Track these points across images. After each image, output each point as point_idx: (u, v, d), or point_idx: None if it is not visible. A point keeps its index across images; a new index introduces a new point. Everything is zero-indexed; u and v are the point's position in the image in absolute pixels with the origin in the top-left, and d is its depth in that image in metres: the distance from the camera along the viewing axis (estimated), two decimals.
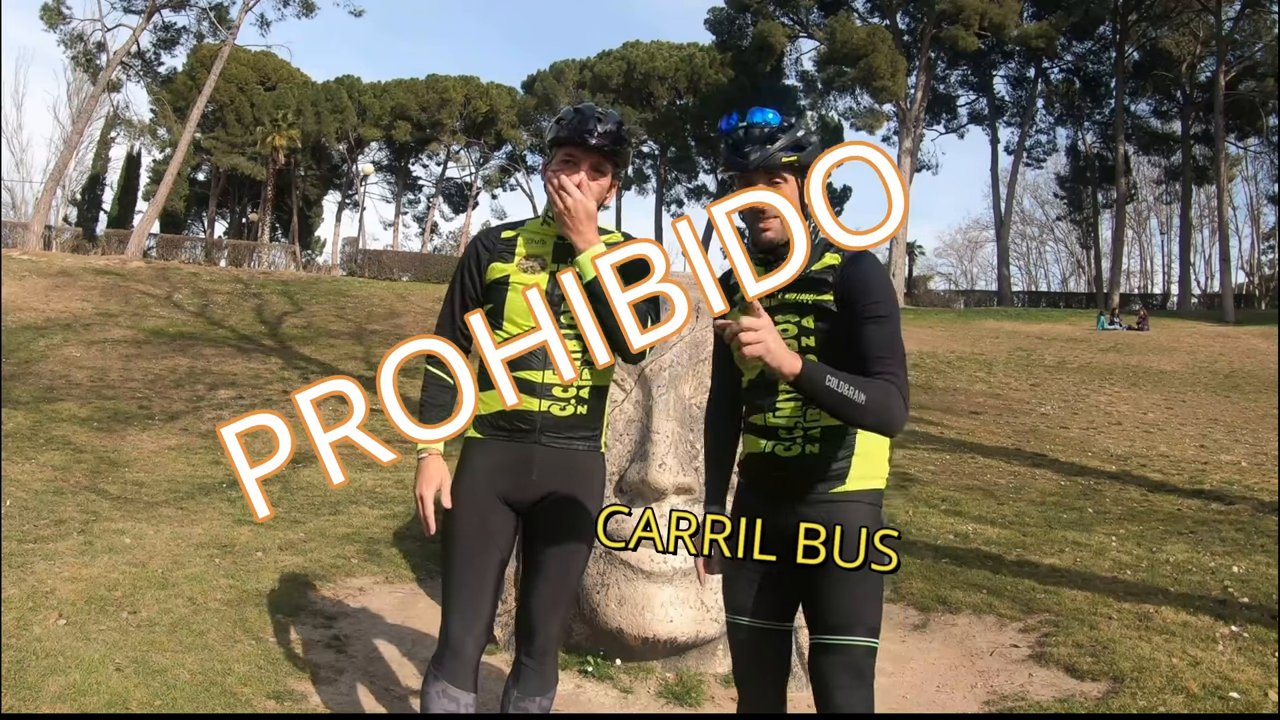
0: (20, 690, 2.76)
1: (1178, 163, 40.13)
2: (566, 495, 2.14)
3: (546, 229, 2.19)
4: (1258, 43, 34.54)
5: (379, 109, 44.83)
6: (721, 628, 3.29)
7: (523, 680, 2.16)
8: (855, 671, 1.83)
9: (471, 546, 2.10)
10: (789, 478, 1.94)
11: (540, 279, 2.12)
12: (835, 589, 1.86)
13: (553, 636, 2.17)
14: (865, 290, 1.86)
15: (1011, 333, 24.52)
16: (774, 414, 1.96)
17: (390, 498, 6.31)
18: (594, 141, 2.06)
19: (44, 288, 16.30)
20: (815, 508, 1.90)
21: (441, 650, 2.09)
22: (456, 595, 2.10)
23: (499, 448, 2.14)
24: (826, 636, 1.86)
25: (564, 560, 2.15)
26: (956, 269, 60.01)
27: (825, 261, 1.92)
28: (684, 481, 3.23)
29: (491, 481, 2.13)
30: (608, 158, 2.11)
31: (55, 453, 7.07)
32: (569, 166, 2.10)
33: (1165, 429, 11.33)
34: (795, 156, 1.89)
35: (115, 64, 30.71)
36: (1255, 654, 3.56)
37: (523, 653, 2.17)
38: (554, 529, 2.14)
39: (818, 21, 38.04)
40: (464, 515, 2.12)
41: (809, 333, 1.90)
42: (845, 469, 1.91)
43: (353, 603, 4.04)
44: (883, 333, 1.83)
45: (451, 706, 2.06)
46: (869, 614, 1.86)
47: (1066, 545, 5.53)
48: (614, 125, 2.09)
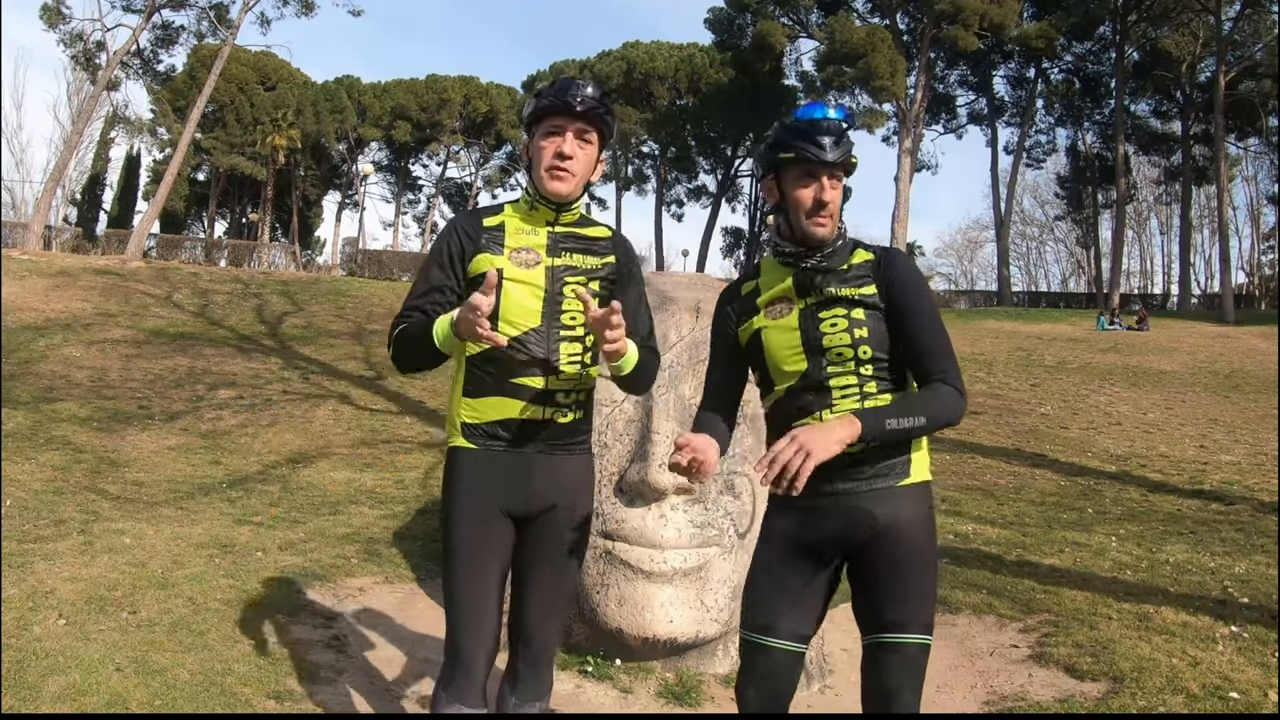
0: (20, 690, 2.76)
1: (1178, 163, 40.12)
2: (564, 502, 2.06)
3: (535, 216, 2.05)
4: (1258, 43, 34.52)
5: (379, 109, 44.81)
6: (721, 628, 3.29)
7: (519, 686, 2.10)
8: (915, 669, 1.84)
9: (475, 561, 2.00)
10: (855, 474, 1.88)
11: (537, 274, 2.01)
12: (898, 586, 1.85)
13: (549, 643, 2.11)
14: (905, 289, 1.90)
15: (1011, 333, 24.51)
16: (831, 410, 1.91)
17: (390, 498, 6.31)
18: (580, 108, 1.96)
19: (44, 288, 16.30)
20: (885, 503, 1.87)
21: (451, 668, 1.99)
22: (463, 612, 1.99)
23: (496, 459, 2.01)
24: (883, 635, 1.85)
25: (559, 568, 2.08)
26: (956, 269, 60.02)
27: (860, 257, 1.96)
28: (684, 481, 3.23)
29: (492, 494, 2.01)
30: (593, 123, 2.00)
31: (55, 453, 7.07)
32: (552, 136, 1.99)
33: (1165, 429, 11.32)
34: (855, 158, 1.95)
35: (115, 64, 30.68)
36: (1255, 654, 3.56)
37: (519, 660, 2.10)
38: (549, 537, 2.07)
39: (817, 21, 38.01)
40: (465, 529, 2.01)
41: (860, 324, 1.90)
42: (907, 461, 1.91)
43: (353, 603, 4.04)
44: (929, 328, 1.88)
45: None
46: (925, 611, 1.86)
47: (1066, 545, 5.53)
48: (597, 90, 1.99)
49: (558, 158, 1.99)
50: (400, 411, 9.52)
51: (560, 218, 2.06)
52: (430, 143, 47.22)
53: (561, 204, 2.04)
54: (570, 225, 2.08)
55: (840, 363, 1.91)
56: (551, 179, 2.00)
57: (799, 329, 1.95)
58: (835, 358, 1.91)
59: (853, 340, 1.89)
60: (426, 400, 10.14)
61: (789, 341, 1.95)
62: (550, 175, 2.00)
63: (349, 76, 47.10)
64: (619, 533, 3.26)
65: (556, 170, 1.99)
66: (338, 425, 8.74)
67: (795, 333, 1.95)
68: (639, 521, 3.25)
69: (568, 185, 2.01)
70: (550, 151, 2.00)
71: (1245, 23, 34.35)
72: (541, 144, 2.01)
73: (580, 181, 2.04)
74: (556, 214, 2.05)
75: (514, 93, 46.49)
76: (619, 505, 3.29)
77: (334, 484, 6.70)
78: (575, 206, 2.08)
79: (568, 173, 2.00)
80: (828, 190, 1.91)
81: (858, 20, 36.90)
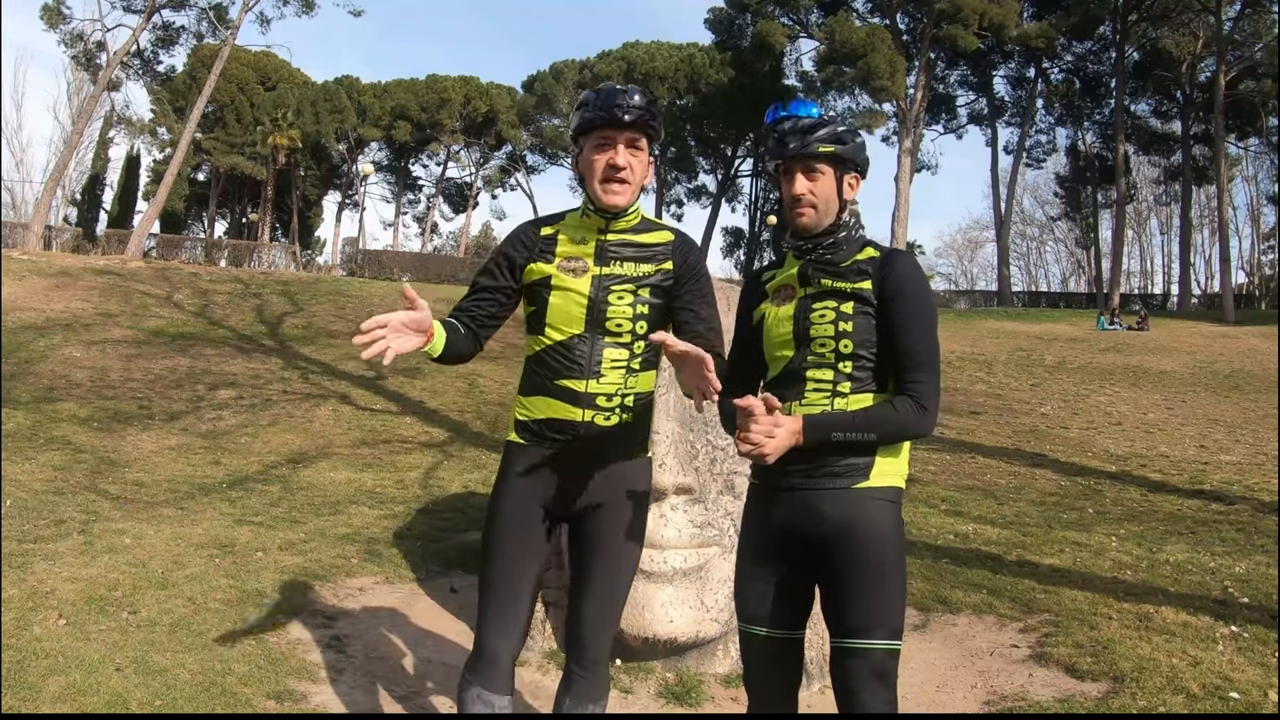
0: (20, 690, 2.76)
1: (1178, 163, 40.12)
2: (613, 505, 2.09)
3: (586, 223, 2.10)
4: (1258, 43, 34.52)
5: (379, 109, 44.82)
6: (721, 628, 3.29)
7: (574, 689, 2.13)
8: (878, 674, 1.83)
9: (511, 557, 2.06)
10: (812, 471, 1.90)
11: (583, 283, 2.05)
12: (855, 591, 1.85)
13: (604, 648, 2.14)
14: (899, 292, 1.90)
15: (1011, 333, 24.52)
16: (800, 403, 1.94)
17: (390, 498, 6.32)
18: (628, 118, 1.98)
19: (44, 288, 16.29)
20: (837, 503, 1.88)
21: (476, 657, 2.07)
22: (493, 606, 2.07)
23: (541, 455, 2.07)
24: (848, 640, 1.85)
25: (612, 574, 2.11)
26: (956, 269, 60.10)
27: (865, 254, 1.97)
28: (684, 481, 3.23)
29: (534, 490, 2.07)
30: (642, 131, 2.02)
31: (55, 453, 7.07)
32: (604, 148, 2.02)
33: (1165, 429, 11.32)
34: (832, 148, 1.95)
35: (115, 64, 30.69)
36: (1255, 654, 3.56)
37: (574, 663, 2.14)
38: (602, 541, 2.10)
39: (817, 21, 38.01)
40: (505, 524, 2.08)
41: (847, 318, 1.92)
42: (869, 464, 1.90)
43: (353, 603, 4.04)
44: (913, 337, 1.88)
45: (486, 710, 2.06)
46: (890, 615, 1.84)
47: (1066, 545, 5.53)
48: (643, 98, 2.01)
49: (611, 169, 2.02)
50: (400, 411, 9.53)
51: (612, 225, 2.09)
52: (430, 143, 47.23)
53: (613, 214, 2.07)
54: (625, 232, 2.10)
55: (821, 354, 1.93)
56: (606, 192, 2.03)
57: (793, 317, 1.98)
58: (818, 349, 1.93)
59: (836, 333, 1.91)
60: (426, 400, 10.15)
61: (783, 329, 1.99)
62: (605, 189, 2.03)
63: (349, 76, 47.16)
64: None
65: (612, 183, 2.03)
66: (338, 425, 8.74)
67: (790, 321, 1.98)
68: None
69: (624, 196, 2.05)
70: (603, 164, 2.02)
71: (1245, 23, 34.36)
72: (594, 157, 2.04)
73: (636, 189, 2.07)
74: (607, 222, 2.08)
75: (514, 93, 46.51)
76: None
77: (334, 484, 6.70)
78: (631, 213, 2.10)
79: (623, 183, 2.03)
80: (799, 184, 1.96)
81: (858, 20, 36.90)
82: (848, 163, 1.98)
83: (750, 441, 1.80)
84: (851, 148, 1.97)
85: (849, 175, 2.00)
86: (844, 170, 1.98)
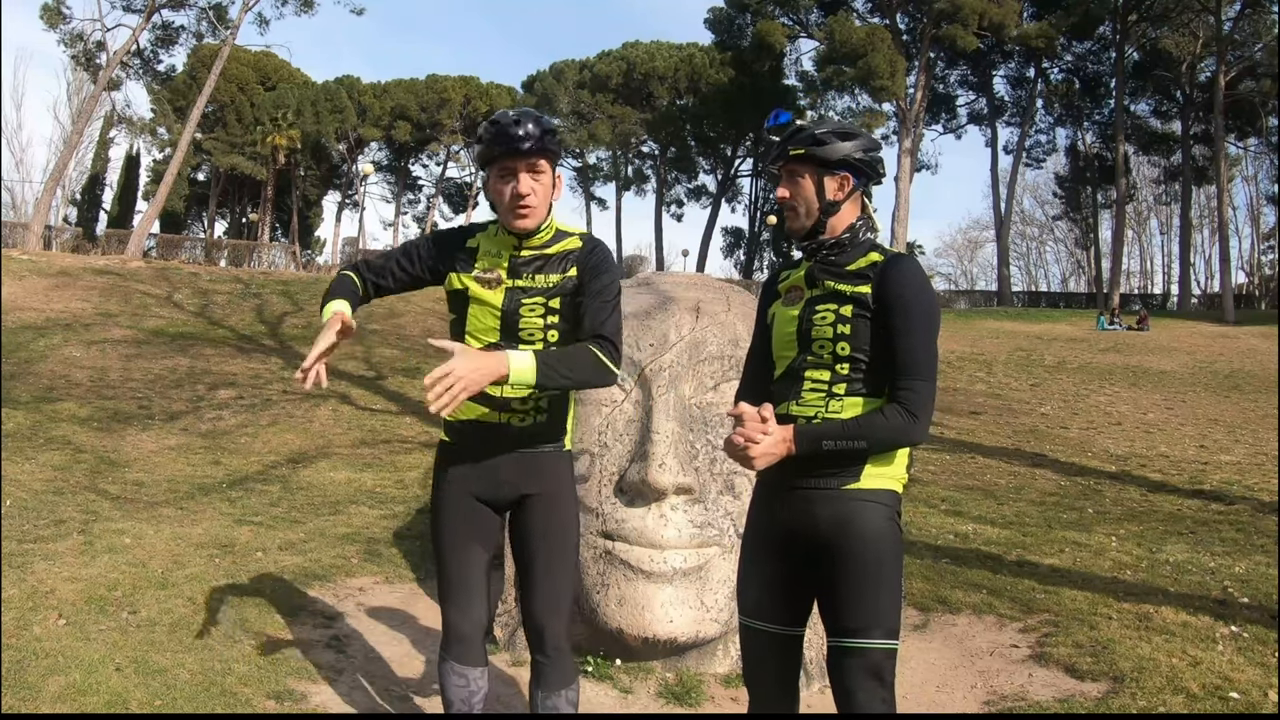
0: (20, 690, 2.76)
1: (1178, 163, 40.12)
2: (540, 496, 2.22)
3: (501, 240, 2.21)
4: (1258, 43, 34.53)
5: (379, 109, 44.81)
6: (722, 628, 3.29)
7: (543, 679, 2.23)
8: (874, 674, 1.83)
9: (456, 545, 2.23)
10: (806, 473, 1.92)
11: (496, 296, 2.17)
12: (850, 591, 1.85)
13: (560, 632, 2.24)
14: (898, 297, 1.90)
15: (1011, 333, 24.53)
16: (797, 402, 1.96)
17: (390, 498, 6.32)
18: (524, 146, 2.07)
19: (44, 288, 16.30)
20: (829, 505, 1.89)
21: (445, 637, 2.26)
22: (448, 589, 2.25)
23: (468, 453, 2.23)
24: (844, 639, 1.85)
25: (549, 558, 2.21)
26: (956, 269, 60.09)
27: (869, 258, 1.97)
28: (684, 481, 3.23)
29: (466, 484, 2.23)
30: (540, 155, 2.11)
31: (55, 453, 7.06)
32: (506, 178, 2.11)
33: (1165, 429, 11.33)
34: (803, 149, 1.97)
35: (115, 64, 30.67)
36: (1255, 654, 3.56)
37: (536, 652, 2.25)
38: (534, 530, 2.23)
39: (817, 21, 38.01)
40: (446, 516, 2.25)
41: (845, 320, 1.93)
42: (859, 468, 1.90)
43: (353, 603, 4.04)
44: (909, 343, 1.88)
45: (461, 681, 2.24)
46: (887, 615, 1.85)
47: (1066, 545, 5.53)
48: (534, 123, 2.07)
49: (515, 198, 2.11)
50: (400, 411, 9.53)
51: (525, 243, 2.20)
52: (430, 143, 47.23)
53: (524, 234, 2.18)
54: (538, 248, 2.21)
55: (819, 355, 1.95)
56: (516, 219, 2.14)
57: (798, 318, 2.00)
58: (817, 350, 1.95)
59: (834, 335, 1.93)
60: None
61: (788, 330, 2.02)
62: (514, 216, 2.13)
63: (349, 76, 47.16)
64: (619, 533, 3.26)
65: (519, 210, 2.12)
66: (338, 425, 8.74)
67: (795, 321, 2.01)
68: (639, 521, 3.25)
69: (532, 220, 2.15)
70: (508, 194, 2.12)
71: (1245, 23, 34.36)
72: (499, 187, 2.13)
73: (543, 209, 2.17)
74: (520, 240, 2.19)
75: (514, 93, 46.51)
76: (619, 505, 3.29)
77: (334, 484, 6.70)
78: (543, 230, 2.19)
79: (530, 208, 2.13)
80: (780, 189, 2.03)
81: (857, 20, 36.91)
82: (830, 163, 1.96)
83: (734, 442, 1.84)
84: (828, 148, 1.95)
85: (831, 175, 1.98)
86: (825, 171, 1.97)
